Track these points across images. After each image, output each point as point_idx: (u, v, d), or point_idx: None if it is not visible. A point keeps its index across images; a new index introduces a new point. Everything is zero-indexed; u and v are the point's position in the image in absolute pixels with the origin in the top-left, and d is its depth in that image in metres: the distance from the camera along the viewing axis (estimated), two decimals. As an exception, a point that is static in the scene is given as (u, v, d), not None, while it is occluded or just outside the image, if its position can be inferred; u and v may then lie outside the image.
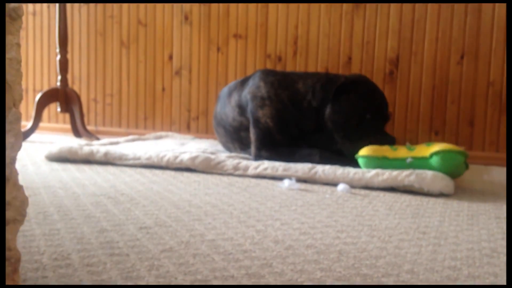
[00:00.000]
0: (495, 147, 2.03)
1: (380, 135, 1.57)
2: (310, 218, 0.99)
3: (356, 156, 1.44)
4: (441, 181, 1.28)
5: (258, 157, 1.66)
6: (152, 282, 0.62)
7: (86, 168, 1.57)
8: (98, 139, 2.43)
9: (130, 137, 2.23)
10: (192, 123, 2.60)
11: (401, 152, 1.40)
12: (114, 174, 1.48)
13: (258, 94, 1.73)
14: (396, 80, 2.15)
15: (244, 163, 1.54)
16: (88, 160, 1.69)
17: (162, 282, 0.62)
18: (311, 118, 1.66)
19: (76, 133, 2.59)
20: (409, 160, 1.36)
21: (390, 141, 1.53)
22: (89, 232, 0.83)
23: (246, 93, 1.77)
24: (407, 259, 0.75)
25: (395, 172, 1.33)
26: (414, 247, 0.81)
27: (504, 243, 0.85)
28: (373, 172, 1.36)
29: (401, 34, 2.13)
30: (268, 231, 0.88)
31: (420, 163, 1.36)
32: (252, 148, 1.70)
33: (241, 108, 1.79)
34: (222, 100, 1.92)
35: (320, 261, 0.73)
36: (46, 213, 0.96)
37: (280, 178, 1.43)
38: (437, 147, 1.37)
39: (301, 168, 1.44)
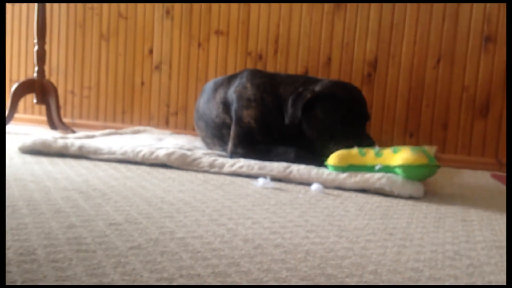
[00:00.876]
0: (467, 151, 2.07)
1: (360, 137, 1.56)
2: (282, 217, 1.00)
3: (325, 163, 1.44)
4: (411, 185, 1.31)
5: (233, 153, 1.67)
6: (117, 279, 0.62)
7: (59, 161, 1.55)
8: (73, 132, 2.41)
9: (107, 131, 2.21)
10: (171, 118, 2.59)
11: (369, 158, 1.39)
12: (87, 168, 1.47)
13: (244, 95, 1.73)
14: (374, 82, 2.18)
15: (220, 160, 1.55)
16: (62, 153, 1.67)
17: (127, 279, 0.62)
18: (292, 125, 1.65)
19: (52, 125, 2.56)
20: (378, 167, 1.37)
21: (368, 143, 1.53)
22: (57, 228, 0.83)
23: (232, 92, 1.77)
24: (372, 260, 0.76)
25: (367, 175, 1.35)
26: (380, 248, 0.83)
27: (467, 245, 0.87)
28: (346, 173, 1.37)
29: (380, 36, 2.16)
30: (239, 229, 0.89)
31: (387, 170, 1.37)
32: (229, 144, 1.71)
33: (226, 106, 1.79)
34: (207, 94, 1.91)
35: (287, 260, 0.74)
36: (15, 206, 0.95)
37: (255, 177, 1.44)
38: (402, 155, 1.33)
39: (276, 167, 1.45)
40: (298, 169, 1.43)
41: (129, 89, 2.66)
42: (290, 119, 1.61)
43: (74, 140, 1.80)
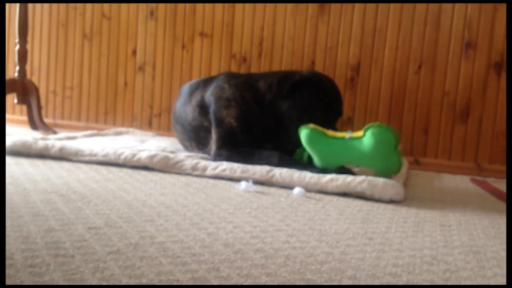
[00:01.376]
0: (448, 155, 2.10)
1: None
2: (263, 221, 1.00)
3: (299, 129, 1.48)
4: (391, 189, 1.32)
5: (217, 156, 1.67)
6: (95, 285, 0.62)
7: (39, 163, 1.54)
8: (55, 132, 2.38)
9: (89, 132, 2.20)
10: (154, 120, 2.58)
11: (340, 133, 1.47)
12: (68, 170, 1.45)
13: (223, 95, 1.73)
14: (357, 86, 2.20)
15: (202, 163, 1.55)
16: (43, 154, 1.65)
17: (105, 285, 0.62)
18: (271, 116, 1.68)
19: (33, 125, 2.53)
20: (348, 135, 1.42)
21: None
22: (36, 231, 0.82)
23: (209, 95, 1.77)
24: (351, 264, 0.77)
25: (349, 179, 1.36)
26: (359, 252, 0.83)
27: (445, 250, 0.89)
28: (328, 177, 1.38)
29: (363, 41, 2.18)
30: (220, 234, 0.89)
31: (357, 142, 1.42)
32: (212, 147, 1.71)
33: (203, 109, 1.79)
34: (183, 98, 1.91)
35: (267, 265, 0.74)
36: (-8, 210, 0.94)
37: (238, 180, 1.44)
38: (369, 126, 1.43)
39: (259, 170, 1.46)
40: (281, 173, 1.43)
41: (112, 90, 2.64)
42: (273, 96, 1.65)
43: (55, 141, 1.78)
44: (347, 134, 1.45)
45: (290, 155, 1.62)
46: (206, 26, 2.44)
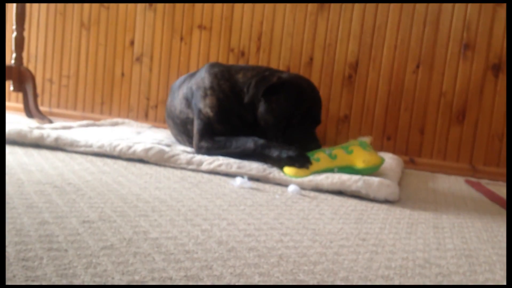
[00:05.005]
0: (443, 156, 2.10)
1: (307, 139, 1.57)
2: (257, 219, 1.00)
3: (284, 173, 1.44)
4: (386, 189, 1.32)
5: (198, 148, 1.65)
6: (87, 281, 0.62)
7: (34, 152, 1.53)
8: (50, 121, 2.37)
9: (84, 122, 2.18)
10: (150, 112, 2.57)
11: (324, 162, 1.45)
12: (63, 161, 1.45)
13: (201, 85, 1.73)
14: (354, 83, 2.20)
15: (198, 157, 1.54)
16: (38, 144, 1.64)
17: (98, 281, 0.62)
18: (249, 110, 1.66)
19: (28, 113, 2.51)
20: (336, 170, 1.42)
21: (315, 146, 1.55)
22: (29, 224, 0.82)
23: (192, 85, 1.78)
24: (344, 266, 0.77)
25: (344, 177, 1.36)
26: (352, 254, 0.84)
27: (438, 253, 0.89)
28: (323, 175, 1.38)
29: (362, 39, 2.17)
30: (213, 231, 0.89)
31: (347, 171, 1.43)
32: (194, 140, 1.70)
33: (188, 100, 1.79)
34: (173, 93, 1.93)
35: (260, 265, 0.74)
36: (-14, 200, 0.93)
37: (233, 175, 1.44)
38: (361, 157, 1.44)
39: (256, 167, 1.46)
40: (279, 172, 1.43)
41: (109, 80, 2.63)
42: (249, 99, 1.61)
43: (50, 131, 1.77)
44: (334, 169, 1.44)
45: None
46: (205, 18, 2.43)
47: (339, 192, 1.36)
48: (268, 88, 1.59)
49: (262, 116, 1.62)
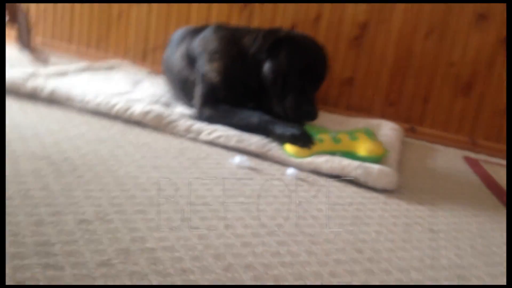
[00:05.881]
0: (444, 127, 2.08)
1: (303, 101, 1.52)
2: (255, 218, 1.00)
3: (285, 151, 1.42)
4: (385, 178, 1.31)
5: (200, 114, 1.60)
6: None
7: (29, 108, 1.49)
8: (45, 59, 2.29)
9: (80, 65, 2.12)
10: (148, 54, 2.48)
11: (327, 144, 1.42)
12: (59, 122, 1.41)
13: (208, 48, 1.66)
14: (361, 45, 2.12)
15: (197, 125, 1.51)
16: (33, 96, 1.60)
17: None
18: (254, 74, 1.60)
19: (22, 46, 2.41)
20: (338, 155, 1.40)
21: (310, 111, 1.51)
22: (25, 225, 0.80)
23: (197, 46, 1.70)
24: (339, 291, 0.78)
25: (344, 162, 1.35)
26: (348, 274, 0.84)
27: (432, 273, 0.90)
28: (323, 158, 1.37)
29: (375, -2, 2.06)
30: (211, 238, 0.88)
31: (350, 156, 1.40)
32: (196, 105, 1.65)
33: (190, 60, 1.72)
34: (172, 46, 1.86)
35: (256, 288, 0.74)
36: (-20, 187, 0.91)
37: (232, 149, 1.42)
38: (365, 145, 1.41)
39: (255, 142, 1.43)
40: (278, 148, 1.41)
41: (105, 16, 2.51)
42: (255, 51, 1.57)
43: (45, 80, 1.71)
44: (336, 153, 1.40)
45: (272, 114, 1.55)
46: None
47: (338, 175, 1.35)
48: (274, 43, 1.54)
49: (264, 74, 1.57)
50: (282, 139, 1.44)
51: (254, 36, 1.63)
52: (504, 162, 1.94)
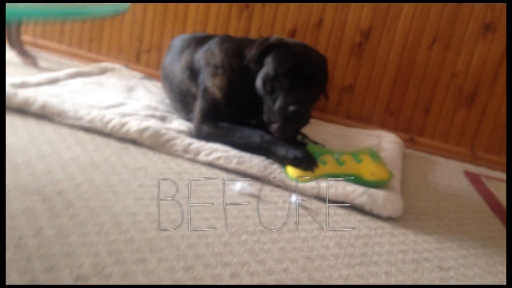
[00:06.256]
0: (444, 138, 2.05)
1: (291, 102, 1.40)
2: (260, 262, 0.95)
3: (286, 174, 1.37)
4: (391, 205, 1.28)
5: (199, 130, 1.54)
6: None
7: (19, 127, 1.42)
8: (34, 61, 2.20)
9: (72, 70, 2.04)
10: (143, 55, 2.41)
11: (331, 167, 1.37)
12: (51, 142, 1.35)
13: (211, 61, 1.60)
14: (364, 52, 2.06)
15: (195, 145, 1.45)
16: (23, 110, 1.53)
17: None
18: (253, 86, 1.52)
19: (11, 45, 2.31)
20: (343, 178, 1.36)
21: (295, 114, 1.39)
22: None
23: (200, 58, 1.64)
24: None
25: (349, 188, 1.30)
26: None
27: (445, 325, 0.87)
28: (326, 183, 1.32)
29: (378, 4, 2.00)
30: None
31: (351, 179, 1.36)
32: (194, 121, 1.58)
33: (192, 72, 1.66)
34: (173, 54, 1.78)
35: None
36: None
37: (232, 171, 1.37)
38: (370, 169, 1.36)
39: (256, 164, 1.38)
40: (280, 172, 1.36)
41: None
42: (248, 60, 1.50)
43: (36, 91, 1.64)
44: (340, 176, 1.35)
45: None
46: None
47: (342, 202, 1.31)
48: (265, 50, 1.47)
49: (257, 86, 1.50)
50: (284, 161, 1.40)
51: (252, 46, 1.57)
52: (504, 176, 1.91)
